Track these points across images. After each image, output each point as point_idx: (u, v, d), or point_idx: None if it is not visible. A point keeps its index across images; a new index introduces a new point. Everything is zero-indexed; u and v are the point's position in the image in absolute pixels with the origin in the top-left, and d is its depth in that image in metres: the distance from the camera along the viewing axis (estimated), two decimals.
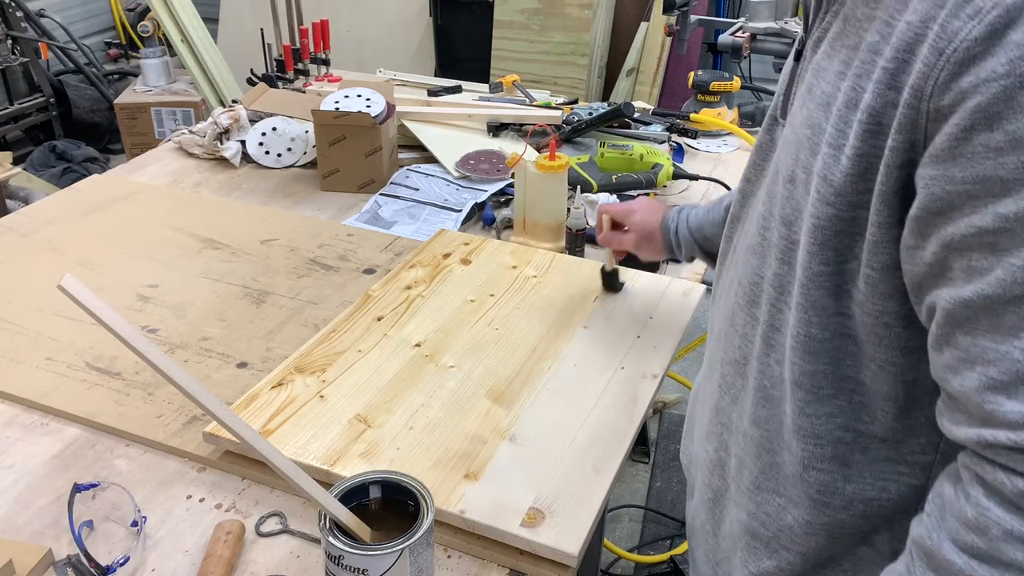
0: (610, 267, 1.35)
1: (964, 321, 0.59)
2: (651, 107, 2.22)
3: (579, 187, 1.65)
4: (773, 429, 0.79)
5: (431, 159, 1.91)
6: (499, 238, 1.62)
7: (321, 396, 1.12)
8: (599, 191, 1.72)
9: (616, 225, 1.30)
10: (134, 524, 0.97)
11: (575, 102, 2.19)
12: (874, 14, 0.64)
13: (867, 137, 0.63)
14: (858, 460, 0.74)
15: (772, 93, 0.83)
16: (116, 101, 3.93)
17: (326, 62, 2.39)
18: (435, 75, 3.82)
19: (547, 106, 2.11)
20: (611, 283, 1.37)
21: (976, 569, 0.59)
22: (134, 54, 4.73)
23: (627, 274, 1.40)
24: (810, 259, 0.70)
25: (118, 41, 4.90)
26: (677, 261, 1.35)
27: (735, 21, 2.78)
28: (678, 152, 1.97)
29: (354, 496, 0.85)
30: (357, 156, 1.79)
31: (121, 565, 0.91)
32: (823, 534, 0.78)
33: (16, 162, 3.42)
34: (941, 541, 0.61)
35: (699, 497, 0.94)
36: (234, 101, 2.14)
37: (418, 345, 1.24)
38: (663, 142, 1.94)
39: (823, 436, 0.74)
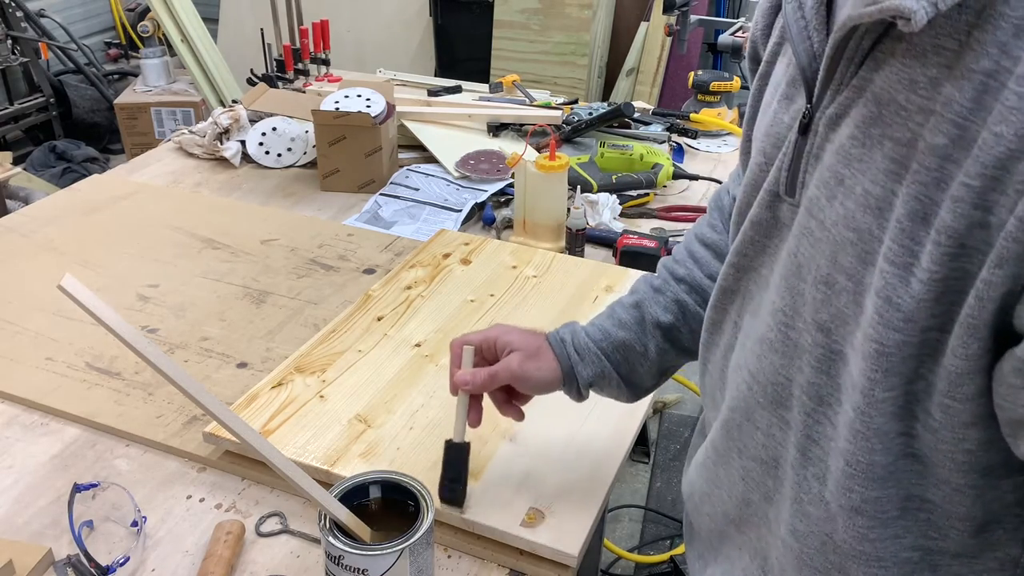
0: (460, 438, 0.91)
1: None
2: (651, 107, 2.22)
3: (579, 187, 1.65)
4: (814, 547, 0.71)
5: (431, 159, 1.91)
6: (499, 238, 1.62)
7: (321, 396, 1.12)
8: (599, 191, 1.72)
9: (484, 357, 0.93)
10: (134, 524, 0.97)
11: (575, 102, 2.19)
12: (929, 106, 0.55)
13: (946, 261, 0.55)
14: None
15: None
16: (116, 101, 3.93)
17: (326, 62, 2.39)
18: (435, 75, 3.82)
19: (547, 106, 2.11)
20: (453, 471, 0.93)
21: None
22: (134, 54, 4.73)
23: (636, 275, 1.39)
24: (872, 386, 0.62)
25: (118, 41, 4.90)
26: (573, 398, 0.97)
27: (735, 21, 2.78)
28: (678, 152, 1.97)
29: (354, 496, 0.85)
30: (357, 156, 1.79)
31: (121, 565, 0.91)
32: None
33: (16, 162, 3.42)
34: None
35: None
36: (234, 101, 2.14)
37: (418, 345, 1.24)
38: (663, 142, 1.94)
39: (887, 559, 0.67)
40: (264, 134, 1.96)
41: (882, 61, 0.59)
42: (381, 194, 1.79)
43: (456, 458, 0.92)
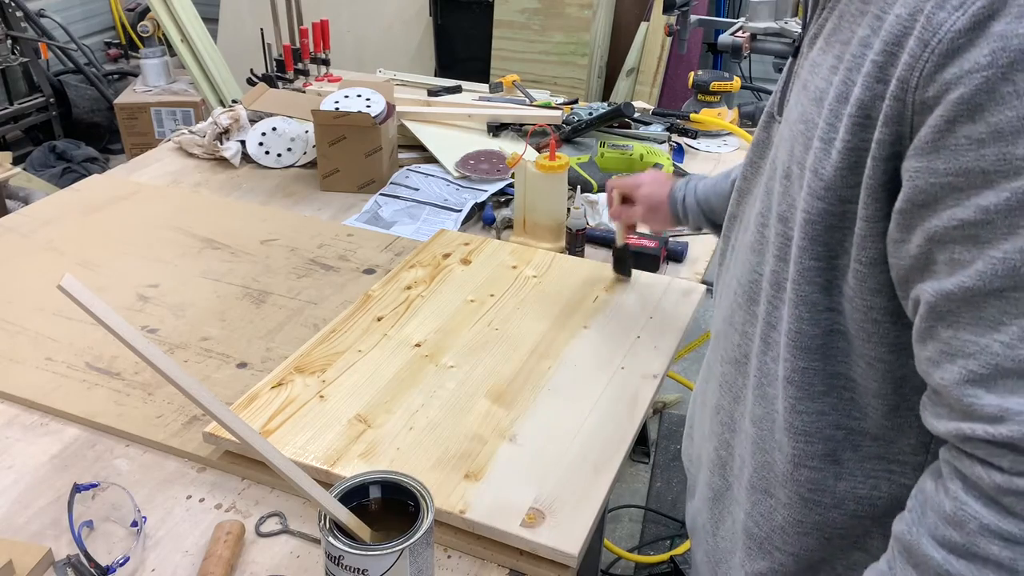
0: (620, 243, 1.37)
1: (946, 314, 0.59)
2: (651, 107, 2.22)
3: (579, 187, 1.65)
4: (767, 428, 0.79)
5: (431, 159, 1.91)
6: (499, 238, 1.62)
7: (321, 396, 1.12)
8: (599, 191, 1.72)
9: (626, 200, 1.31)
10: (134, 524, 0.97)
11: (575, 102, 2.19)
12: (866, 8, 0.65)
13: (856, 130, 0.63)
14: (849, 458, 0.74)
15: (772, 93, 0.84)
16: (116, 101, 3.93)
17: (326, 62, 2.39)
18: (435, 75, 3.82)
19: (547, 106, 2.11)
20: (622, 262, 1.39)
21: (953, 564, 0.59)
22: (134, 54, 4.73)
23: (635, 276, 1.40)
24: (801, 254, 0.70)
25: (118, 41, 4.90)
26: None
27: (735, 21, 2.78)
28: (678, 152, 1.97)
29: (354, 496, 0.85)
30: (357, 156, 1.79)
31: (121, 565, 0.91)
32: (815, 534, 0.78)
33: (16, 162, 3.42)
34: (920, 536, 0.61)
35: (700, 497, 0.94)
36: (234, 101, 2.14)
37: (418, 345, 1.24)
38: (663, 142, 1.94)
39: (814, 433, 0.74)
40: (264, 134, 1.96)
41: None
42: (381, 194, 1.79)
43: (623, 250, 1.38)
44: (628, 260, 1.39)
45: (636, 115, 2.04)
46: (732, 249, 0.88)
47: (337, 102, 1.82)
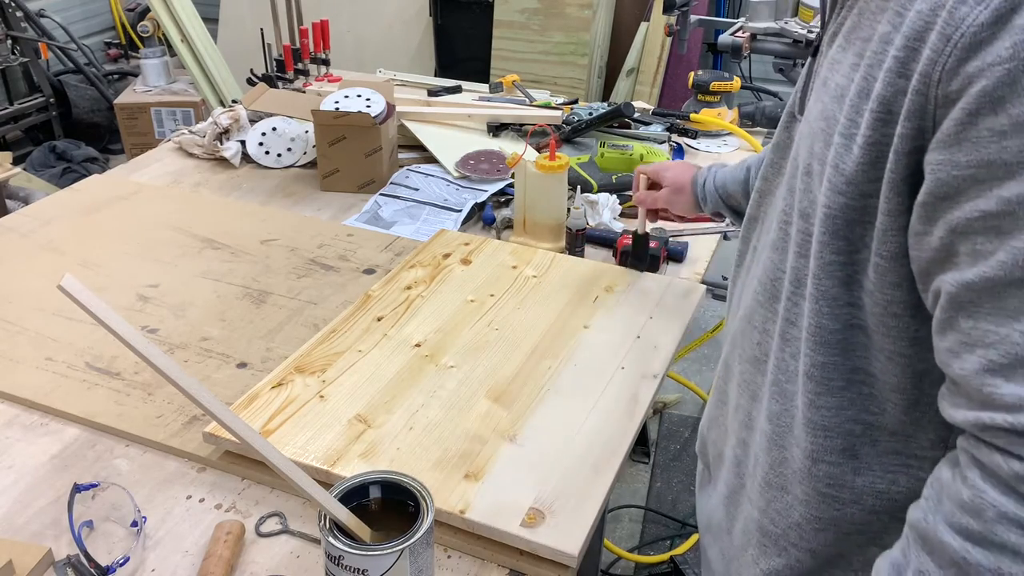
0: (642, 230, 1.39)
1: (967, 304, 0.60)
2: (651, 107, 2.22)
3: (579, 187, 1.65)
4: (784, 424, 0.79)
5: (431, 159, 1.91)
6: (499, 238, 1.62)
7: (321, 396, 1.12)
8: (599, 191, 1.72)
9: (652, 186, 1.34)
10: (134, 524, 0.97)
11: (575, 102, 2.19)
12: (886, 5, 0.65)
13: (878, 125, 0.64)
14: (867, 452, 0.74)
15: (772, 93, 0.84)
16: (116, 101, 3.93)
17: (326, 62, 2.39)
18: (435, 75, 3.82)
19: (547, 106, 2.11)
20: (640, 251, 1.40)
21: (970, 551, 0.59)
22: (134, 54, 4.73)
23: (634, 275, 1.40)
24: (822, 249, 0.70)
25: (118, 41, 4.90)
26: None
27: (735, 21, 2.77)
28: (678, 152, 1.97)
29: (354, 496, 0.85)
30: (357, 156, 1.79)
31: (121, 565, 0.91)
32: (832, 530, 0.78)
33: (16, 162, 3.42)
34: (936, 523, 0.61)
35: (717, 496, 0.94)
36: (234, 101, 2.14)
37: (418, 345, 1.24)
38: (663, 142, 1.94)
39: (832, 428, 0.74)
40: (264, 134, 1.96)
41: None
42: (381, 194, 1.79)
43: (640, 241, 1.40)
44: (646, 249, 1.40)
45: (636, 115, 2.04)
46: (753, 250, 0.88)
47: (337, 102, 1.82)
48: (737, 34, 2.64)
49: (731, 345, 0.91)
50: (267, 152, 1.94)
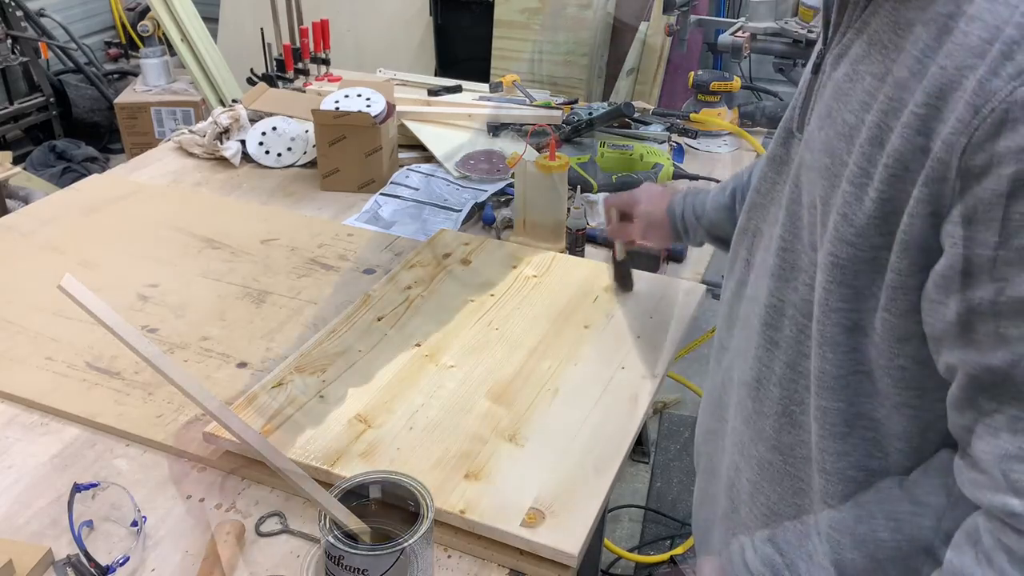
0: (621, 256, 1.36)
1: (989, 387, 0.59)
2: (651, 107, 2.22)
3: (579, 187, 1.65)
4: (800, 456, 0.77)
5: (431, 159, 1.91)
6: (499, 238, 1.62)
7: (321, 396, 1.12)
8: (599, 191, 1.72)
9: (624, 216, 1.30)
10: (134, 524, 0.97)
11: (575, 102, 2.19)
12: (901, 43, 0.62)
13: (892, 181, 0.62)
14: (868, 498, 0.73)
15: (772, 93, 0.83)
16: (116, 101, 3.93)
17: (326, 62, 2.39)
18: (435, 75, 3.82)
19: (547, 106, 2.11)
20: (623, 275, 1.38)
21: None
22: (134, 54, 4.73)
23: (636, 275, 1.40)
24: (827, 296, 0.68)
25: (118, 41, 4.90)
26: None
27: (735, 21, 2.77)
28: (678, 152, 1.97)
29: (354, 496, 0.85)
30: (357, 156, 1.79)
31: (121, 565, 0.91)
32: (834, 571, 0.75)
33: (16, 162, 3.42)
34: None
35: (722, 512, 0.92)
36: (234, 101, 2.14)
37: (418, 345, 1.24)
38: (663, 142, 1.94)
39: (833, 473, 0.73)
40: (264, 134, 1.96)
41: (879, 6, 0.66)
42: (381, 194, 1.79)
43: (622, 266, 1.37)
44: (629, 274, 1.38)
45: (636, 115, 2.04)
46: (746, 264, 0.86)
47: (337, 102, 1.82)
48: (737, 34, 2.64)
49: (718, 351, 0.89)
50: (267, 152, 1.94)
